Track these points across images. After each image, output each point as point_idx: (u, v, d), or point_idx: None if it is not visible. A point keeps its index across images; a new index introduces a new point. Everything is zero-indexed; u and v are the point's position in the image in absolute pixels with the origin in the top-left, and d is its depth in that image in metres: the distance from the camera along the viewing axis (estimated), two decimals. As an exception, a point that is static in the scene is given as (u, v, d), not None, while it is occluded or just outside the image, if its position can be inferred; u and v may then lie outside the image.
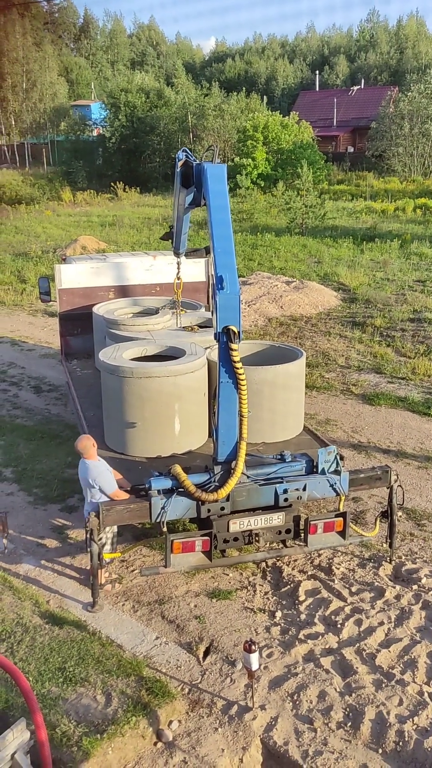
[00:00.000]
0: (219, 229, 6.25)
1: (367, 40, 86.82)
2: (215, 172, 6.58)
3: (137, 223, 31.13)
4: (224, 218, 6.34)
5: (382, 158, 44.99)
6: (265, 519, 6.52)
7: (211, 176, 6.55)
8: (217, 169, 6.60)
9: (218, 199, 6.45)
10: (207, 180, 6.55)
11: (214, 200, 6.44)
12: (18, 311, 18.31)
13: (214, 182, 6.54)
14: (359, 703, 5.36)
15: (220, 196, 6.47)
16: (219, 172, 6.59)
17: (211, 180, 6.54)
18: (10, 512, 7.94)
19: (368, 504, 8.32)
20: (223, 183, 6.57)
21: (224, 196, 6.49)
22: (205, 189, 6.60)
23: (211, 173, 6.56)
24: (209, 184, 6.52)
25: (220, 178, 6.57)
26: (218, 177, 6.57)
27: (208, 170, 6.57)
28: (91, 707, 5.20)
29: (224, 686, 5.58)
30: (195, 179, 7.04)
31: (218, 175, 6.58)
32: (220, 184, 6.55)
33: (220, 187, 6.53)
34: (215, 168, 6.61)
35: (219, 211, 6.38)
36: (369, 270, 20.94)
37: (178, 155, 7.45)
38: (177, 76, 65.57)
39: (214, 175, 6.56)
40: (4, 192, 41.50)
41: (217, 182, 6.55)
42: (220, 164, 6.70)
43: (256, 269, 21.47)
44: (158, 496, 6.21)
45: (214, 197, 6.46)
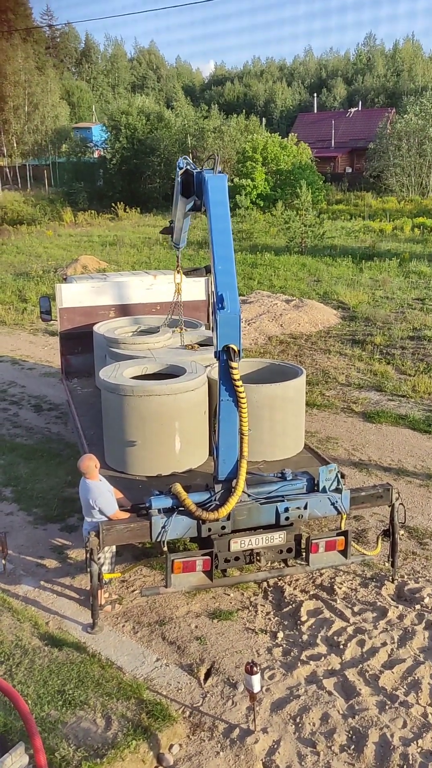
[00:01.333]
0: (220, 247, 6.24)
1: (364, 63, 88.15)
2: (216, 184, 6.55)
3: (138, 243, 31.33)
4: (225, 228, 6.32)
5: (379, 178, 45.41)
6: (266, 538, 6.47)
7: (212, 188, 6.53)
8: (218, 179, 6.57)
9: (219, 209, 6.43)
10: (208, 191, 6.52)
11: (215, 210, 6.42)
12: (19, 330, 18.36)
13: (215, 193, 6.51)
14: (363, 726, 5.28)
15: (221, 206, 6.45)
16: (220, 183, 6.56)
17: (212, 191, 6.51)
18: (10, 532, 7.90)
19: (370, 522, 8.27)
20: (224, 193, 6.54)
21: (225, 206, 6.47)
22: (206, 199, 6.57)
23: (212, 185, 6.54)
24: (210, 194, 6.49)
25: (221, 189, 6.55)
26: (219, 188, 6.54)
27: (209, 181, 6.54)
28: (91, 731, 5.13)
29: (226, 709, 5.50)
30: (195, 188, 7.03)
31: (219, 185, 6.55)
32: (221, 195, 6.52)
33: (221, 198, 6.50)
34: (216, 179, 6.58)
35: (220, 221, 6.35)
36: (368, 288, 21.03)
37: (179, 163, 7.40)
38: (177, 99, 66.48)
39: (215, 187, 6.53)
40: (6, 213, 41.83)
41: (218, 193, 6.52)
42: (221, 174, 6.66)
43: (256, 288, 21.56)
44: (159, 515, 6.17)
45: (214, 207, 6.43)
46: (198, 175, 6.93)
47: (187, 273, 10.76)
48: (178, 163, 7.48)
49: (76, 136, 57.21)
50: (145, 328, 10.20)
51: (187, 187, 7.23)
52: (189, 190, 7.24)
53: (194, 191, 7.11)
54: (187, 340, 9.34)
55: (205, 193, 6.60)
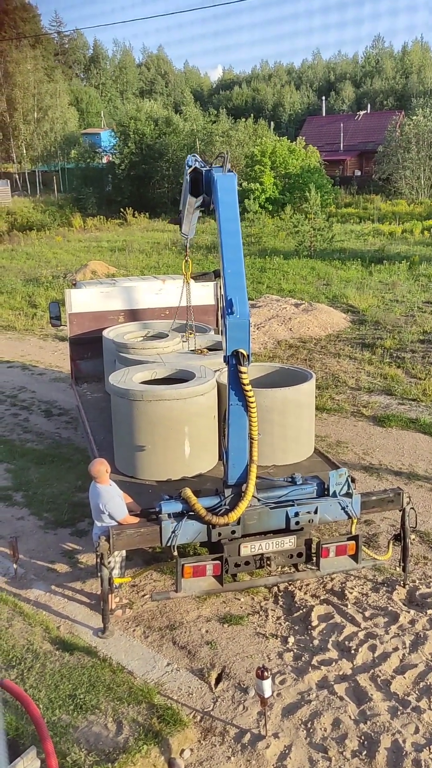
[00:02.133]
0: (229, 249, 6.20)
1: (373, 66, 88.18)
2: (225, 183, 6.47)
3: (146, 248, 31.42)
4: (234, 229, 6.25)
5: (389, 181, 45.32)
6: (276, 542, 6.46)
7: (221, 187, 6.46)
8: (227, 179, 6.50)
9: (228, 209, 6.37)
10: (217, 190, 6.45)
11: (224, 210, 6.35)
12: (29, 336, 18.45)
13: (224, 193, 6.44)
14: (374, 731, 5.26)
15: (230, 207, 6.38)
16: (229, 183, 6.49)
17: (221, 191, 6.44)
18: (21, 537, 7.93)
19: (380, 527, 8.24)
20: (234, 193, 6.46)
21: (234, 207, 6.39)
22: (215, 199, 6.50)
23: (221, 184, 6.46)
24: (219, 194, 6.42)
25: (231, 189, 6.47)
26: (228, 187, 6.47)
27: (218, 181, 6.47)
28: (102, 735, 5.13)
29: (237, 714, 5.50)
30: (204, 187, 6.94)
31: (228, 185, 6.48)
32: (231, 195, 6.44)
33: (231, 198, 6.42)
34: (225, 178, 6.50)
35: (229, 222, 6.29)
36: (378, 292, 20.99)
37: (188, 161, 7.30)
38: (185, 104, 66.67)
39: (224, 186, 6.46)
40: (16, 219, 42.08)
41: (227, 193, 6.44)
42: (230, 174, 6.57)
43: (265, 292, 21.57)
44: (169, 519, 6.17)
45: (223, 207, 6.37)
46: (207, 174, 6.88)
47: (195, 277, 10.77)
48: (186, 160, 7.37)
49: (85, 142, 57.56)
50: (154, 333, 10.23)
51: (196, 185, 7.13)
52: (198, 189, 7.14)
53: (203, 190, 7.04)
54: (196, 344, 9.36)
55: (214, 192, 6.53)
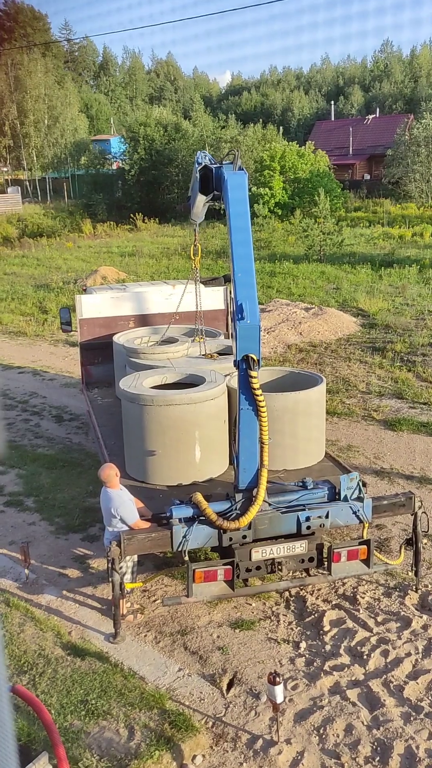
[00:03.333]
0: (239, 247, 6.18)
1: (382, 69, 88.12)
2: (236, 181, 6.46)
3: (156, 253, 31.50)
4: (245, 227, 6.24)
5: (398, 185, 45.18)
6: (287, 547, 6.44)
7: (232, 185, 6.44)
8: (238, 177, 6.49)
9: (239, 207, 6.37)
10: (227, 189, 6.43)
11: (234, 208, 6.34)
12: (40, 341, 18.53)
13: (234, 191, 6.43)
14: (387, 737, 5.22)
15: (241, 204, 6.37)
16: (240, 180, 6.48)
17: (232, 189, 6.43)
18: (32, 542, 7.94)
19: (392, 531, 8.20)
20: (244, 191, 6.45)
21: (245, 204, 6.38)
22: (225, 197, 6.49)
23: (231, 182, 6.45)
24: (229, 192, 6.41)
25: (241, 186, 6.46)
26: (239, 185, 6.46)
27: (228, 179, 6.46)
28: (114, 741, 5.13)
29: (249, 719, 5.47)
30: (215, 184, 6.93)
31: (239, 183, 6.47)
32: (241, 192, 6.43)
33: (241, 195, 6.42)
34: (236, 176, 6.48)
35: (239, 219, 6.29)
36: (388, 295, 20.92)
37: (197, 158, 7.25)
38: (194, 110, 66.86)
39: (234, 184, 6.45)
40: (27, 225, 42.33)
41: (237, 190, 6.43)
42: (240, 171, 6.55)
43: (275, 296, 21.55)
44: (179, 524, 6.17)
45: (234, 205, 6.35)
46: (217, 171, 6.86)
47: (205, 282, 10.77)
48: (196, 157, 7.32)
49: (95, 149, 57.81)
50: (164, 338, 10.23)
51: (206, 183, 7.10)
52: (208, 187, 7.10)
53: (213, 187, 7.02)
54: (206, 349, 9.35)
55: (225, 191, 6.51)
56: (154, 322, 11.16)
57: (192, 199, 8.17)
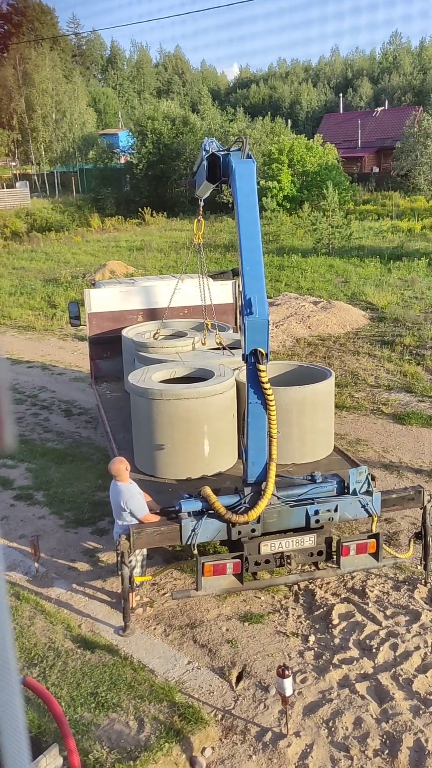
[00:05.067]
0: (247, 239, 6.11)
1: (390, 62, 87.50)
2: (244, 170, 6.35)
3: (165, 248, 31.48)
4: (253, 218, 6.15)
5: (407, 177, 44.90)
6: (296, 541, 6.44)
7: (240, 175, 6.33)
8: (245, 165, 6.38)
9: (247, 197, 6.27)
10: (235, 178, 6.34)
11: (242, 199, 6.24)
12: (48, 336, 18.58)
13: (242, 180, 6.32)
14: (396, 730, 5.22)
15: (249, 195, 6.27)
16: (248, 169, 6.37)
17: (239, 178, 6.32)
18: (42, 536, 7.99)
19: (401, 525, 8.18)
20: (252, 180, 6.34)
21: (253, 194, 6.26)
22: (233, 187, 6.39)
23: (239, 171, 6.34)
24: (237, 182, 6.30)
25: (249, 176, 6.35)
26: (247, 174, 6.36)
27: (236, 168, 6.35)
28: (124, 733, 5.16)
29: (258, 712, 5.49)
30: (222, 171, 6.80)
31: (247, 172, 6.37)
32: (249, 182, 6.31)
33: (249, 185, 6.30)
34: (244, 164, 6.37)
35: (247, 210, 6.20)
36: (397, 289, 20.83)
37: (204, 145, 7.11)
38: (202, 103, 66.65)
39: (242, 173, 6.34)
40: (35, 220, 42.37)
41: (245, 180, 6.32)
42: (249, 160, 6.44)
43: (284, 290, 21.50)
44: (189, 518, 6.18)
45: (242, 196, 6.26)
46: (225, 159, 6.73)
47: (213, 276, 10.76)
48: (203, 144, 7.18)
49: (103, 143, 57.78)
50: (173, 332, 10.22)
51: (214, 171, 6.96)
52: (215, 175, 6.96)
53: (221, 176, 6.93)
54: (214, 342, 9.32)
55: (232, 180, 6.40)
56: (162, 317, 11.16)
57: (197, 183, 8.05)
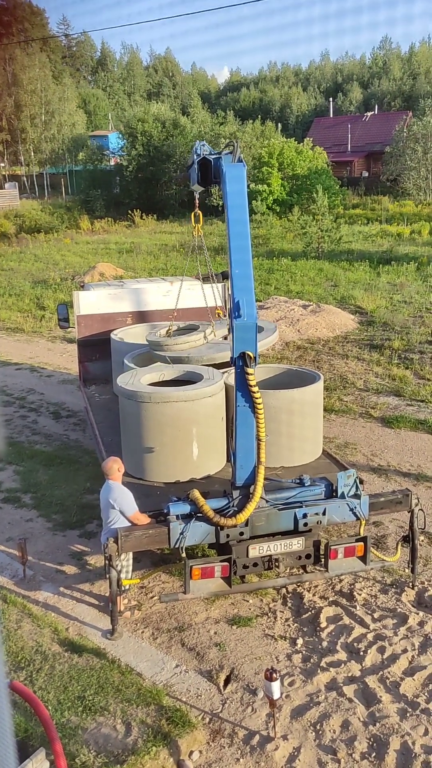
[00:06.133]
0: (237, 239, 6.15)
1: (380, 66, 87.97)
2: (234, 173, 6.38)
3: (154, 250, 31.46)
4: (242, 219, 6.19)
5: (396, 182, 45.19)
6: (284, 544, 6.46)
7: (230, 178, 6.37)
8: (236, 169, 6.41)
9: (236, 199, 6.30)
10: (225, 183, 6.37)
11: (232, 200, 6.28)
12: (37, 338, 18.50)
13: (232, 183, 6.35)
14: (384, 733, 5.24)
15: (239, 197, 6.30)
16: (238, 173, 6.40)
17: (230, 182, 6.35)
18: (30, 539, 7.95)
19: (389, 528, 8.22)
20: (243, 183, 6.37)
21: (243, 197, 6.30)
22: (223, 190, 6.42)
23: (230, 175, 6.37)
24: (227, 185, 6.33)
25: (239, 179, 6.39)
26: (237, 177, 6.39)
27: (226, 172, 6.39)
28: (111, 737, 5.14)
29: (245, 715, 5.49)
30: (213, 174, 6.83)
31: (237, 175, 6.40)
32: (239, 185, 6.35)
33: (239, 188, 6.34)
34: (234, 168, 6.40)
35: (237, 211, 6.23)
36: (386, 293, 20.93)
37: (195, 149, 7.12)
38: (193, 106, 66.74)
39: (233, 177, 6.37)
40: (24, 221, 42.21)
41: (235, 183, 6.35)
42: (239, 164, 6.47)
43: (273, 293, 21.54)
44: (177, 521, 6.18)
45: (232, 198, 6.30)
46: (216, 162, 6.76)
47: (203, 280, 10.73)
48: (194, 149, 7.19)
49: (93, 144, 57.65)
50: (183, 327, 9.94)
51: (205, 174, 6.99)
52: (207, 179, 6.99)
53: (212, 179, 6.93)
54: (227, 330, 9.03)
55: (223, 183, 6.43)
56: (152, 318, 11.15)
57: (191, 179, 8.05)
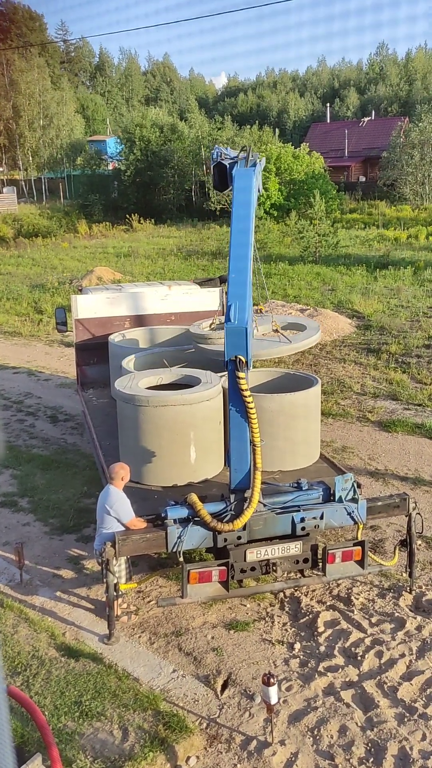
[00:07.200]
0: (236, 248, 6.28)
1: (377, 72, 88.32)
2: (241, 184, 6.72)
3: (152, 254, 31.49)
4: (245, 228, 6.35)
5: (393, 187, 45.33)
6: (282, 548, 6.45)
7: (237, 187, 6.69)
8: (244, 180, 6.72)
9: (241, 208, 6.51)
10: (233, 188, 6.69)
11: (237, 210, 6.52)
12: (35, 342, 18.49)
13: (239, 193, 6.63)
14: (381, 738, 5.22)
15: (245, 206, 6.52)
16: (246, 182, 6.71)
17: (236, 190, 6.65)
18: (26, 543, 7.93)
19: (387, 532, 8.21)
20: (249, 193, 6.62)
21: (248, 206, 6.53)
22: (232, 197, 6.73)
23: (237, 184, 6.72)
24: (234, 192, 6.65)
25: (246, 189, 6.65)
26: (244, 188, 6.66)
27: (235, 179, 6.74)
28: (108, 742, 5.12)
29: (243, 721, 5.47)
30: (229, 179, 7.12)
31: (244, 186, 6.68)
32: (246, 194, 6.62)
33: (245, 197, 6.59)
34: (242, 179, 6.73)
35: (240, 220, 6.42)
36: (383, 297, 20.97)
37: (212, 154, 7.36)
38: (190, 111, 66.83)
39: (239, 186, 6.69)
40: (22, 225, 42.23)
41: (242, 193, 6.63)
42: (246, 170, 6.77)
43: (271, 298, 21.56)
44: (174, 525, 6.17)
45: (237, 207, 6.55)
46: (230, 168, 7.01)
47: (201, 283, 10.77)
48: (211, 153, 7.43)
49: (91, 149, 57.74)
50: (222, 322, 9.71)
51: (223, 179, 7.21)
52: (224, 184, 7.22)
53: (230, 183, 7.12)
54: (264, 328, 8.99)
55: (232, 190, 6.73)
56: (150, 323, 11.16)
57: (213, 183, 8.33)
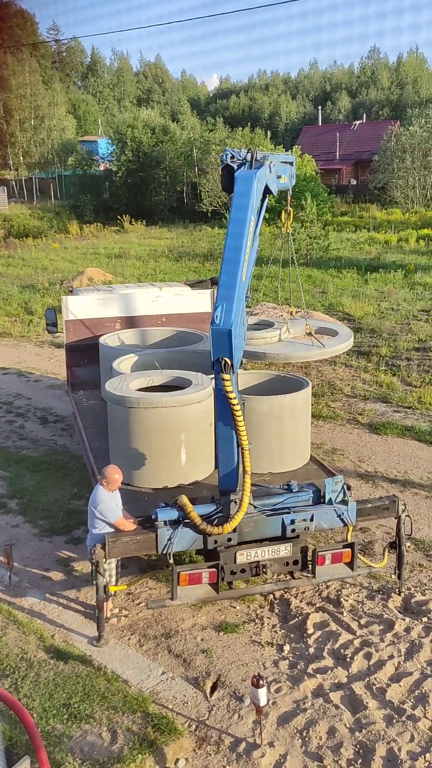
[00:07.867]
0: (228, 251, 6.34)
1: (368, 76, 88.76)
2: (241, 189, 6.77)
3: (143, 255, 31.46)
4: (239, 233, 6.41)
5: (384, 190, 45.53)
6: (272, 550, 6.46)
7: (236, 192, 6.74)
8: (243, 185, 6.77)
9: (237, 213, 6.56)
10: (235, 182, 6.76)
11: (234, 213, 6.59)
12: (25, 343, 18.43)
13: (238, 197, 6.69)
14: (370, 740, 5.24)
15: (241, 210, 6.56)
16: (245, 188, 6.75)
17: (236, 195, 6.71)
18: (16, 544, 7.90)
19: (376, 534, 8.24)
20: (247, 197, 6.68)
21: (244, 210, 6.57)
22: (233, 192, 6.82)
23: (237, 188, 6.78)
24: (234, 196, 6.71)
25: (244, 193, 6.70)
26: (243, 192, 6.70)
27: (236, 182, 6.80)
28: (97, 744, 5.11)
29: (232, 722, 5.47)
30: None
31: (243, 191, 6.72)
32: (243, 199, 6.66)
33: (243, 202, 6.64)
34: (242, 184, 6.79)
35: (235, 225, 6.49)
36: (373, 300, 21.04)
37: (222, 157, 7.42)
38: (182, 112, 66.90)
39: (238, 191, 6.74)
40: (13, 226, 42.09)
41: (240, 197, 6.68)
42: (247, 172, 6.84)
43: (262, 300, 21.56)
44: (165, 527, 6.17)
45: (234, 211, 6.62)
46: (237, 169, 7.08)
47: (192, 285, 10.77)
48: (222, 156, 7.50)
49: (82, 149, 57.61)
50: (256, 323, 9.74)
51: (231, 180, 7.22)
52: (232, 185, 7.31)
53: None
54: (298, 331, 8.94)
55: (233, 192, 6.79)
56: (140, 324, 11.16)
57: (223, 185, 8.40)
